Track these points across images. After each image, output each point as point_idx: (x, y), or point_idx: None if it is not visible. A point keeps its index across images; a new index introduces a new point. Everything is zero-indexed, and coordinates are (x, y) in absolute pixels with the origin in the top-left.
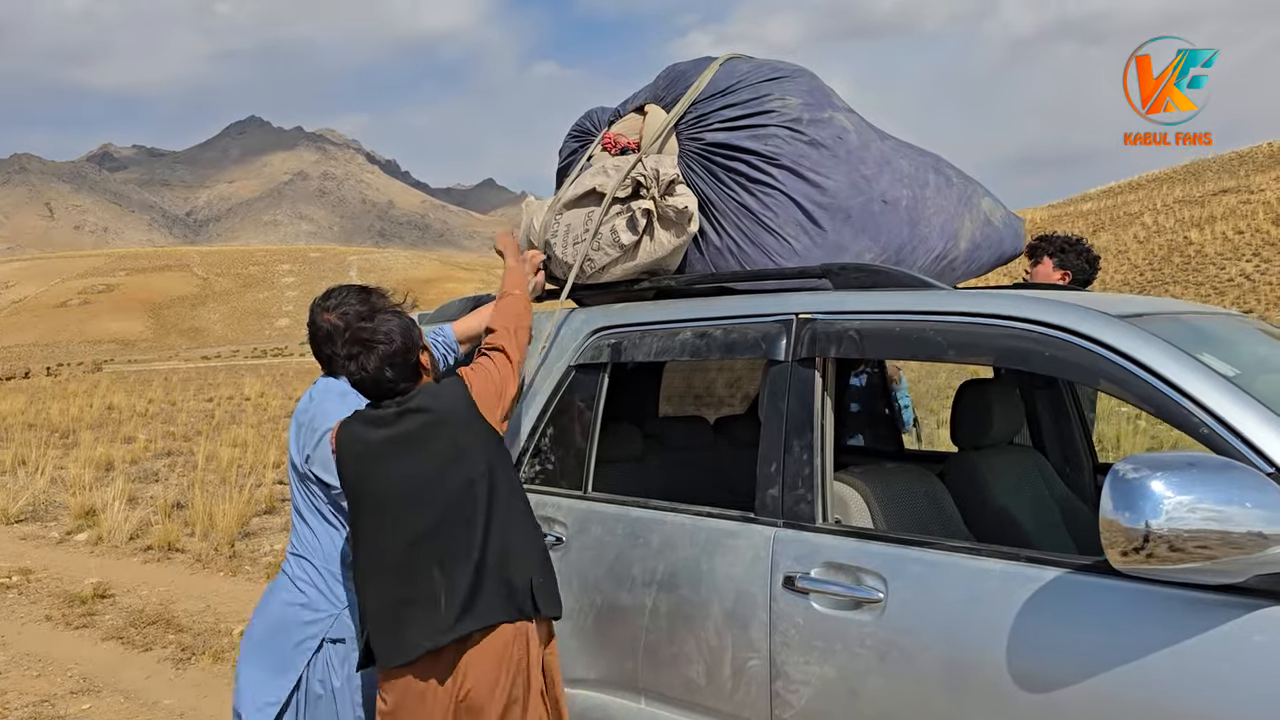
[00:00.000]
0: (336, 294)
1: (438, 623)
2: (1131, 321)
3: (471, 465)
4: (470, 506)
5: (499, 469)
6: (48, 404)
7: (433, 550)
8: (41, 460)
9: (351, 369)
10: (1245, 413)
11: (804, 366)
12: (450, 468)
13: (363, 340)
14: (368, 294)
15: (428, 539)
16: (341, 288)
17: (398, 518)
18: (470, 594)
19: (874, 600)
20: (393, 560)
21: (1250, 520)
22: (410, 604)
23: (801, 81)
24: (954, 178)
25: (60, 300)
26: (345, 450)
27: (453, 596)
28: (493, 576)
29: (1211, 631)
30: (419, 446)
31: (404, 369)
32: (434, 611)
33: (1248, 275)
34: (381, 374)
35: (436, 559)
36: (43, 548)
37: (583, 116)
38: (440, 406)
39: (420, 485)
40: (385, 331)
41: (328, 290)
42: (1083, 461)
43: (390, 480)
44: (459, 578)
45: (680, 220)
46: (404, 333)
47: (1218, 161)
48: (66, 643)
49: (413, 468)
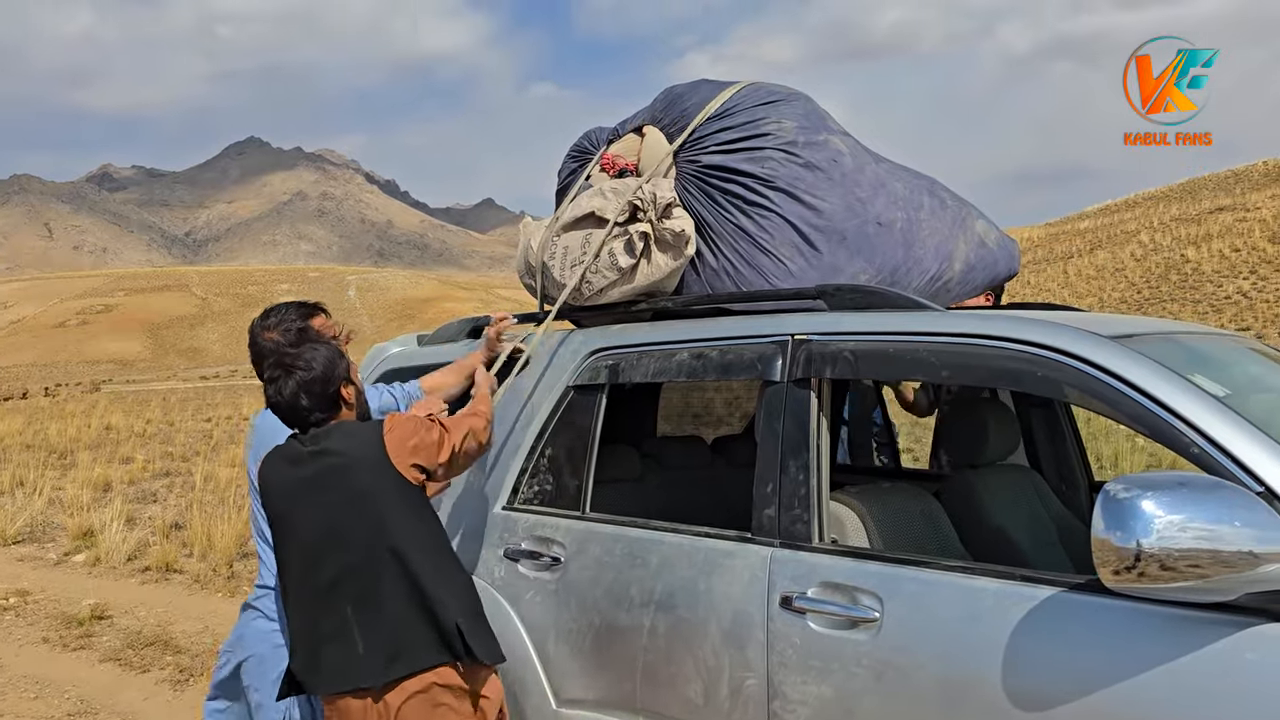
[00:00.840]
0: (276, 312)
1: (356, 664)
2: (1123, 342)
3: (381, 510)
4: (382, 551)
5: (404, 515)
6: (46, 424)
7: (347, 592)
8: (39, 481)
9: (269, 392)
10: (1235, 432)
11: (799, 387)
12: (360, 512)
13: (284, 365)
14: (309, 309)
15: (342, 581)
16: (281, 305)
17: (315, 558)
18: (395, 639)
19: (870, 620)
20: (312, 596)
21: (1241, 539)
22: (328, 640)
23: (797, 105)
24: (948, 200)
25: (59, 320)
26: (266, 485)
27: (372, 639)
28: (418, 619)
29: (1204, 649)
30: (328, 491)
31: (321, 399)
32: (350, 651)
33: (1244, 293)
34: (297, 400)
35: (350, 600)
36: (40, 569)
37: (581, 137)
38: (350, 449)
39: (332, 528)
40: (306, 359)
41: (267, 309)
42: (1078, 480)
43: (306, 521)
44: (377, 621)
45: (677, 243)
46: (325, 363)
47: (1214, 179)
48: (64, 664)
49: (324, 511)
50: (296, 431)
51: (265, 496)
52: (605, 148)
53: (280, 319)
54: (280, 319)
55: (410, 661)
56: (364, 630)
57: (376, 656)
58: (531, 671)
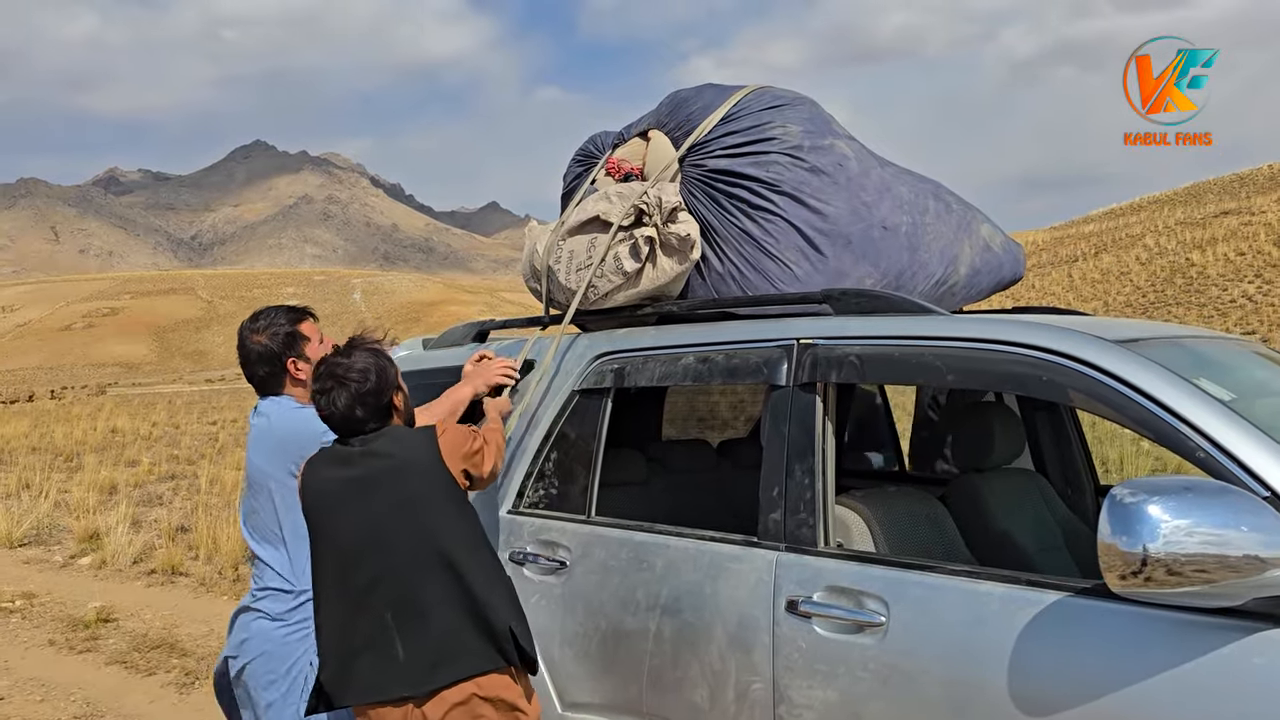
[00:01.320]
0: (265, 315)
1: (396, 672)
2: (1128, 346)
3: (432, 514)
4: (429, 556)
5: (456, 519)
6: (52, 427)
7: (387, 597)
8: (45, 484)
9: (321, 404)
10: (1241, 437)
11: (805, 391)
12: (408, 516)
13: (336, 375)
14: (298, 314)
15: (382, 585)
16: (270, 309)
17: (353, 561)
18: (443, 644)
19: (876, 624)
20: (347, 600)
21: (1247, 544)
22: (363, 649)
23: (802, 109)
24: (953, 204)
25: (65, 324)
26: (307, 486)
27: (414, 646)
28: (470, 624)
29: (1211, 654)
30: (376, 492)
31: (375, 409)
32: (389, 659)
33: (1250, 296)
34: (352, 412)
35: (390, 606)
36: (46, 571)
37: (586, 141)
38: (402, 452)
39: (376, 532)
40: (360, 369)
41: (255, 312)
42: (1084, 483)
43: (347, 524)
44: (421, 627)
45: (682, 247)
46: (379, 372)
47: (1219, 183)
48: (70, 667)
49: (369, 514)
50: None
51: (305, 497)
52: (610, 152)
53: (269, 322)
54: (269, 322)
55: (456, 669)
56: (405, 637)
57: (419, 664)
58: (537, 676)
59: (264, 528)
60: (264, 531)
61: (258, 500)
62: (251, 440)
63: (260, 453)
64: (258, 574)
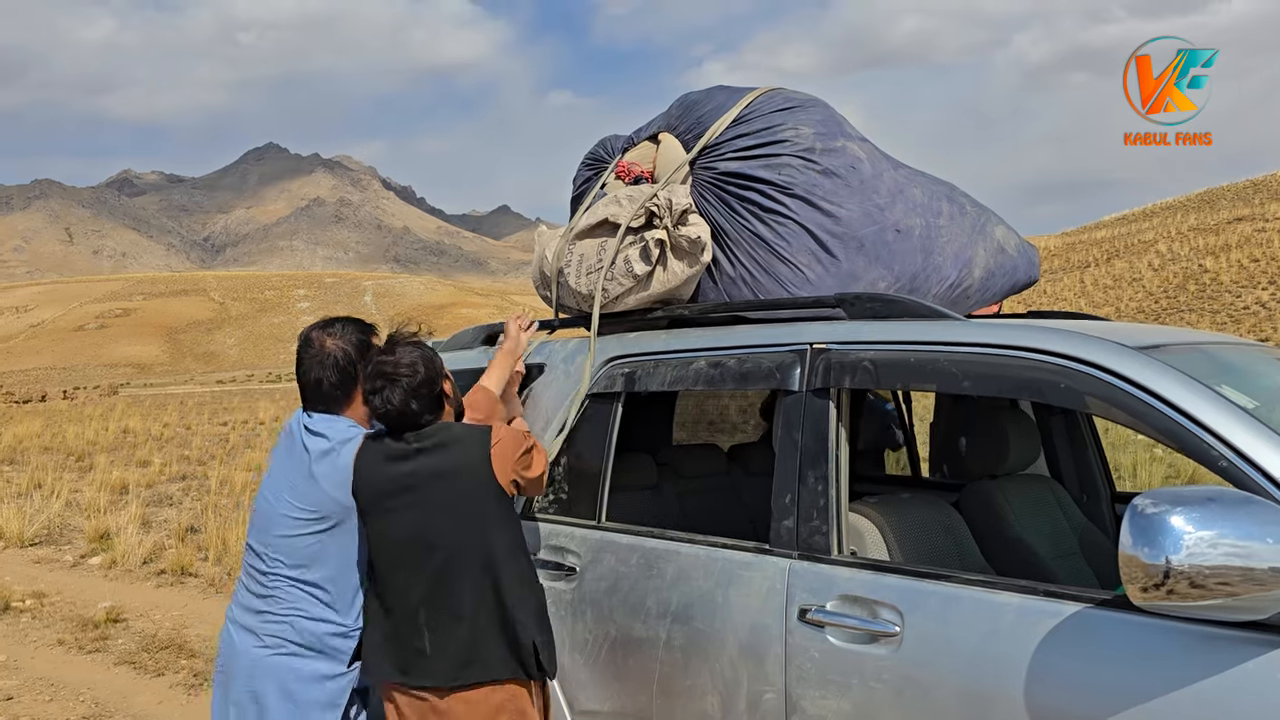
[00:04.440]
0: (338, 322)
1: (423, 663)
2: (1149, 353)
3: (478, 519)
4: (471, 559)
5: (501, 527)
6: (64, 427)
7: (423, 593)
8: (57, 483)
9: (376, 403)
10: (1265, 445)
11: (819, 397)
12: (455, 518)
13: (385, 374)
14: (367, 326)
15: (421, 582)
16: (339, 319)
17: (401, 555)
18: (469, 646)
19: (890, 634)
20: (394, 587)
21: (1273, 556)
22: (396, 634)
23: (814, 111)
24: (967, 206)
25: (78, 324)
26: (362, 479)
27: (441, 643)
28: (497, 632)
29: (1234, 669)
30: (427, 491)
31: (429, 400)
32: (417, 650)
33: (1263, 303)
34: (407, 407)
35: (424, 602)
36: (57, 571)
37: (596, 144)
38: (456, 454)
39: (422, 529)
40: (409, 364)
41: (326, 319)
42: (1100, 490)
43: (398, 520)
44: (451, 628)
45: (693, 250)
46: (427, 363)
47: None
48: (79, 667)
49: (417, 510)
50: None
51: (358, 487)
52: (620, 155)
53: (344, 329)
54: (344, 329)
55: (482, 670)
56: (433, 633)
57: (444, 660)
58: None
59: (266, 523)
60: (266, 531)
61: (274, 498)
62: (322, 468)
63: (337, 485)
64: (242, 582)
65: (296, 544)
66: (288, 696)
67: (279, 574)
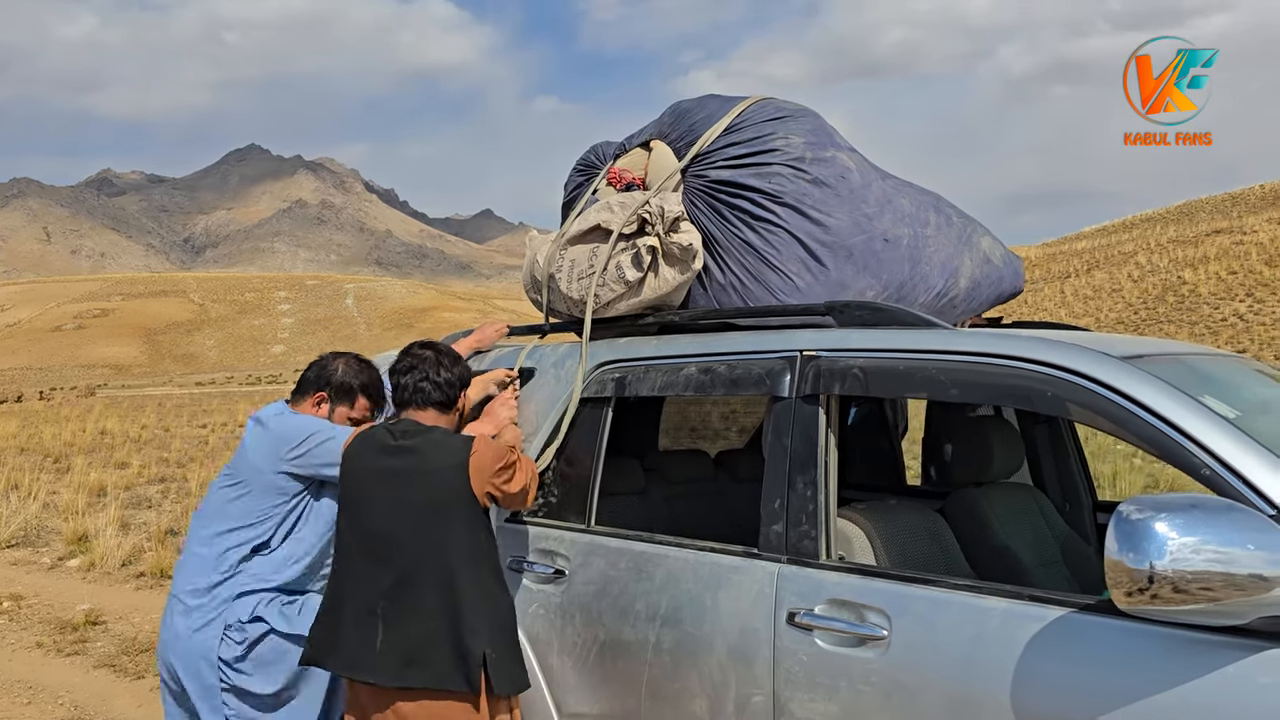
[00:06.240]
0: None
1: (372, 659)
2: (1133, 363)
3: (445, 524)
4: (433, 563)
5: (467, 534)
6: (41, 428)
7: (385, 588)
8: (34, 485)
9: (403, 381)
10: (1246, 454)
11: (808, 403)
12: (423, 519)
13: (417, 354)
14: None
15: (383, 577)
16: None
17: (367, 547)
18: (417, 648)
19: (878, 638)
20: (353, 578)
21: (1253, 562)
22: (352, 625)
23: (805, 121)
24: (954, 216)
25: (55, 324)
26: (349, 465)
27: (393, 640)
28: (446, 639)
29: (1215, 673)
30: (403, 489)
31: (444, 390)
32: (369, 645)
33: (1241, 315)
34: (424, 381)
35: (385, 597)
36: (34, 574)
37: (588, 151)
38: (435, 457)
39: (393, 525)
40: (448, 351)
41: (359, 357)
42: (1082, 498)
43: (370, 511)
44: (405, 625)
45: (684, 256)
46: (462, 368)
47: (1211, 202)
48: (57, 670)
49: (390, 507)
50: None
51: (344, 472)
52: (612, 161)
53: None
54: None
55: (422, 675)
56: (387, 629)
57: (392, 658)
58: (535, 686)
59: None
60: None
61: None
62: (249, 438)
63: (256, 450)
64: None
65: (210, 500)
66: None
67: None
